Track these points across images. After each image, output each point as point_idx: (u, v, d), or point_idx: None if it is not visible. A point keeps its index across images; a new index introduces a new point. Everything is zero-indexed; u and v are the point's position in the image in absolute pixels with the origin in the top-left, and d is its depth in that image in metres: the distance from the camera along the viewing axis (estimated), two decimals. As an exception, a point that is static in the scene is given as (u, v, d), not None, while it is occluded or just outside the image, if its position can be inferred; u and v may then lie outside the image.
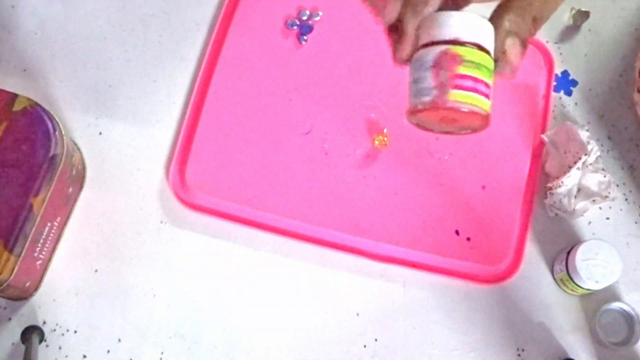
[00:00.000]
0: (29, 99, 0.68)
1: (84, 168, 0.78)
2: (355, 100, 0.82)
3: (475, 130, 0.50)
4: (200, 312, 0.74)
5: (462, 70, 0.45)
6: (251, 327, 0.74)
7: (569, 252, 0.75)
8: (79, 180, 0.77)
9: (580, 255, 0.73)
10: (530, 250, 0.79)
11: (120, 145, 0.80)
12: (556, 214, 0.79)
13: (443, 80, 0.45)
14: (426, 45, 0.46)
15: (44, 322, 0.73)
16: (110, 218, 0.77)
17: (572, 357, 0.75)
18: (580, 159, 0.75)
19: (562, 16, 0.89)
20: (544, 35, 0.88)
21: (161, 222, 0.77)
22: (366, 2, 0.52)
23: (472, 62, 0.45)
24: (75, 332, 0.73)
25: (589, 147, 0.76)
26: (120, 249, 0.76)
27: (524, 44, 0.49)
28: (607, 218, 0.81)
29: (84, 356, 0.72)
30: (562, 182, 0.76)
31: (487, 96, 0.47)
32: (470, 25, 0.46)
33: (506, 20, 0.47)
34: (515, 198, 0.80)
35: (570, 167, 0.76)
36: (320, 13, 0.85)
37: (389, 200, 0.78)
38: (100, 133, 0.80)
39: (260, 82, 0.82)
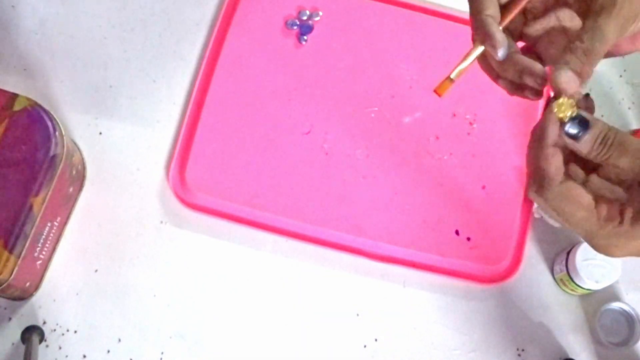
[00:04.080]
0: (29, 99, 0.68)
1: (84, 168, 0.78)
2: (355, 100, 0.82)
3: None
4: (200, 312, 0.74)
5: None
6: (251, 327, 0.74)
7: (569, 252, 0.75)
8: (79, 180, 0.77)
9: (580, 255, 0.73)
10: (530, 250, 0.79)
11: (120, 145, 0.80)
12: (542, 216, 0.79)
13: None
14: None
15: (44, 322, 0.73)
16: (110, 218, 0.77)
17: (572, 357, 0.75)
18: None
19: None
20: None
21: (161, 222, 0.77)
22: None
23: None
24: (75, 332, 0.73)
25: None
26: (120, 249, 0.76)
27: (583, 73, 0.50)
28: (607, 218, 0.81)
29: (84, 356, 0.72)
30: None
31: None
32: None
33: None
34: (515, 198, 0.80)
35: None
36: (320, 13, 0.85)
37: (389, 200, 0.78)
38: (100, 133, 0.80)
39: (260, 82, 0.82)
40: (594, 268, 0.73)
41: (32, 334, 0.70)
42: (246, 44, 0.83)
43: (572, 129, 0.46)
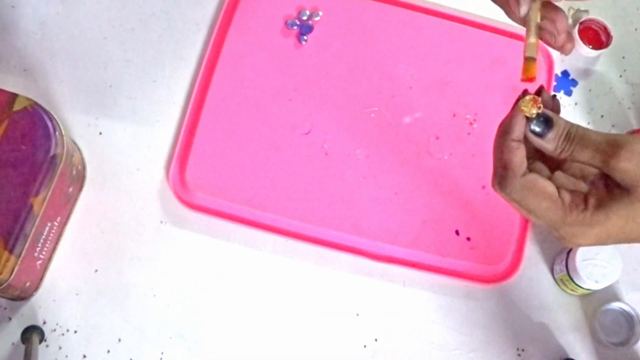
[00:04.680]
0: (29, 99, 0.68)
1: (84, 168, 0.78)
2: (355, 100, 0.82)
3: None
4: (200, 312, 0.74)
5: None
6: (251, 327, 0.74)
7: (569, 252, 0.75)
8: (79, 180, 0.77)
9: (580, 255, 0.73)
10: (530, 250, 0.79)
11: (120, 145, 0.80)
12: None
13: None
14: None
15: (44, 322, 0.73)
16: (110, 218, 0.77)
17: (572, 357, 0.75)
18: None
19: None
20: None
21: (161, 222, 0.77)
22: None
23: None
24: (75, 332, 0.73)
25: None
26: (120, 249, 0.76)
27: None
28: (607, 218, 0.81)
29: (84, 356, 0.72)
30: None
31: None
32: None
33: None
34: (515, 198, 0.79)
35: None
36: (320, 13, 0.85)
37: (389, 200, 0.78)
38: (100, 133, 0.80)
39: (260, 82, 0.82)
40: (594, 268, 0.73)
41: (32, 334, 0.70)
42: (246, 44, 0.83)
43: (537, 127, 0.48)
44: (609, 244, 0.50)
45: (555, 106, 0.51)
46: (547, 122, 0.48)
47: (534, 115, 0.48)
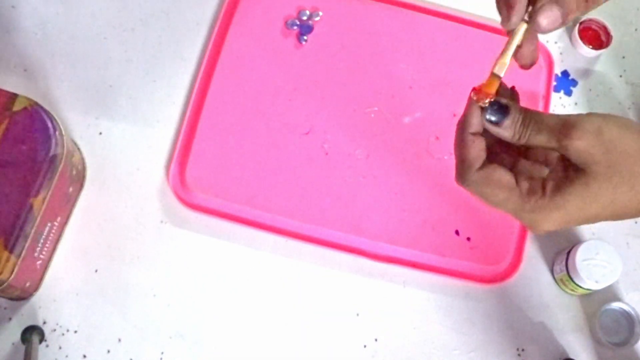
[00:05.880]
0: (29, 99, 0.68)
1: (84, 168, 0.78)
2: (355, 100, 0.82)
3: None
4: (200, 312, 0.74)
5: None
6: (251, 326, 0.74)
7: (569, 252, 0.75)
8: (79, 180, 0.77)
9: (580, 255, 0.73)
10: (530, 250, 0.79)
11: (120, 145, 0.80)
12: None
13: None
14: None
15: (44, 322, 0.73)
16: (110, 218, 0.77)
17: (572, 357, 0.75)
18: None
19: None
20: (544, 35, 0.88)
21: (161, 222, 0.77)
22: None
23: None
24: (76, 332, 0.73)
25: None
26: (120, 249, 0.76)
27: (563, 16, 0.50)
28: (607, 218, 0.81)
29: (84, 356, 0.72)
30: None
31: None
32: None
33: None
34: (515, 198, 0.79)
35: None
36: (320, 13, 0.85)
37: (389, 200, 0.78)
38: (100, 133, 0.80)
39: (260, 82, 0.82)
40: (594, 268, 0.73)
41: (32, 334, 0.70)
42: (246, 44, 0.83)
43: (492, 116, 0.49)
44: (572, 226, 0.51)
45: (514, 97, 0.52)
46: (502, 110, 0.49)
47: (486, 104, 0.48)
